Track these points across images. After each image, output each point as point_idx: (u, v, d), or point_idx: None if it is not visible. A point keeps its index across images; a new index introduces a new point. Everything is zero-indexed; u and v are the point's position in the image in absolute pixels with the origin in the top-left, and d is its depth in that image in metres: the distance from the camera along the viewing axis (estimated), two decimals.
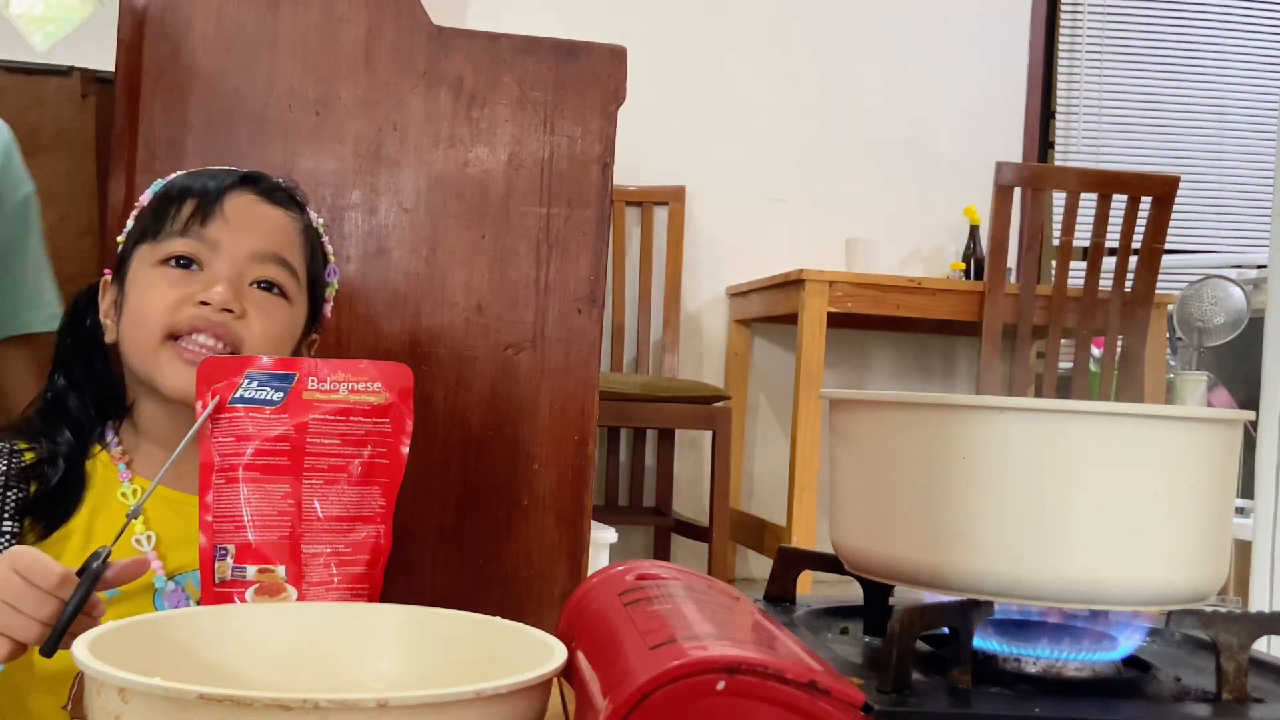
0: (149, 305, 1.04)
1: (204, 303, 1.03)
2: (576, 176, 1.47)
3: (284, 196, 1.13)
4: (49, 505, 1.04)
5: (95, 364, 1.12)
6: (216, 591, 0.91)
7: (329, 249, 1.18)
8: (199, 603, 1.02)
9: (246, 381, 0.94)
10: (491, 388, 1.45)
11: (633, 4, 3.57)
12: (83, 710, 1.00)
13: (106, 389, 1.12)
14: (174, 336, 1.03)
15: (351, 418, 0.95)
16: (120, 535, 0.91)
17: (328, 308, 1.19)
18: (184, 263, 1.05)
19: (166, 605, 1.03)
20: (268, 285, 1.08)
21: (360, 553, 0.95)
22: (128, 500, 1.05)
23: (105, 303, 1.11)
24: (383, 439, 0.97)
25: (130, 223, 1.11)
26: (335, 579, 0.93)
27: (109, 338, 1.10)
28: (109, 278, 1.12)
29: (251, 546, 0.92)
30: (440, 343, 1.44)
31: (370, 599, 0.95)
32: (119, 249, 1.12)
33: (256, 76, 1.39)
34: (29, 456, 1.06)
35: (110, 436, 1.10)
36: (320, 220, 1.17)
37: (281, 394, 0.94)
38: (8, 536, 1.02)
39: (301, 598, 0.92)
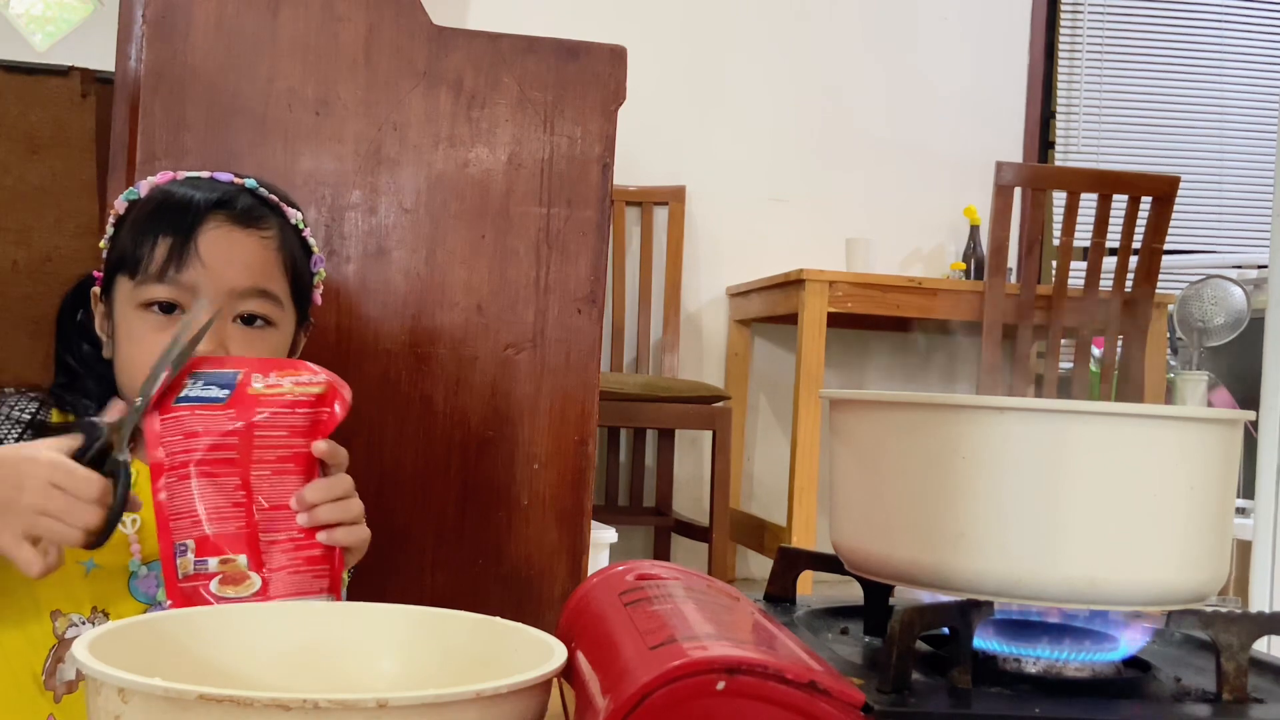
0: (137, 356, 1.05)
1: None
2: (576, 176, 1.47)
3: (260, 213, 1.11)
4: None
5: (86, 357, 1.13)
6: (182, 588, 0.93)
7: (311, 241, 1.17)
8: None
9: (191, 381, 0.97)
10: (491, 388, 1.45)
11: (633, 4, 3.57)
12: (55, 682, 1.02)
13: (106, 380, 1.12)
14: None
15: (298, 409, 0.97)
16: (126, 433, 0.92)
17: (317, 294, 1.19)
18: (165, 307, 1.06)
19: (140, 590, 1.05)
20: (250, 318, 1.09)
21: (315, 536, 0.97)
22: None
23: (99, 316, 1.13)
24: (326, 426, 0.99)
25: (110, 228, 1.12)
26: (295, 563, 0.95)
27: (106, 354, 1.12)
28: (98, 290, 1.12)
29: (210, 539, 0.93)
30: (440, 343, 1.44)
31: (333, 580, 0.97)
32: (103, 254, 1.12)
33: (256, 76, 1.39)
34: (55, 416, 1.09)
35: None
36: (299, 214, 1.16)
37: (227, 391, 0.96)
38: None
39: (265, 584, 0.94)
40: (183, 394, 0.96)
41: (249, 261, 1.09)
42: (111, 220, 1.12)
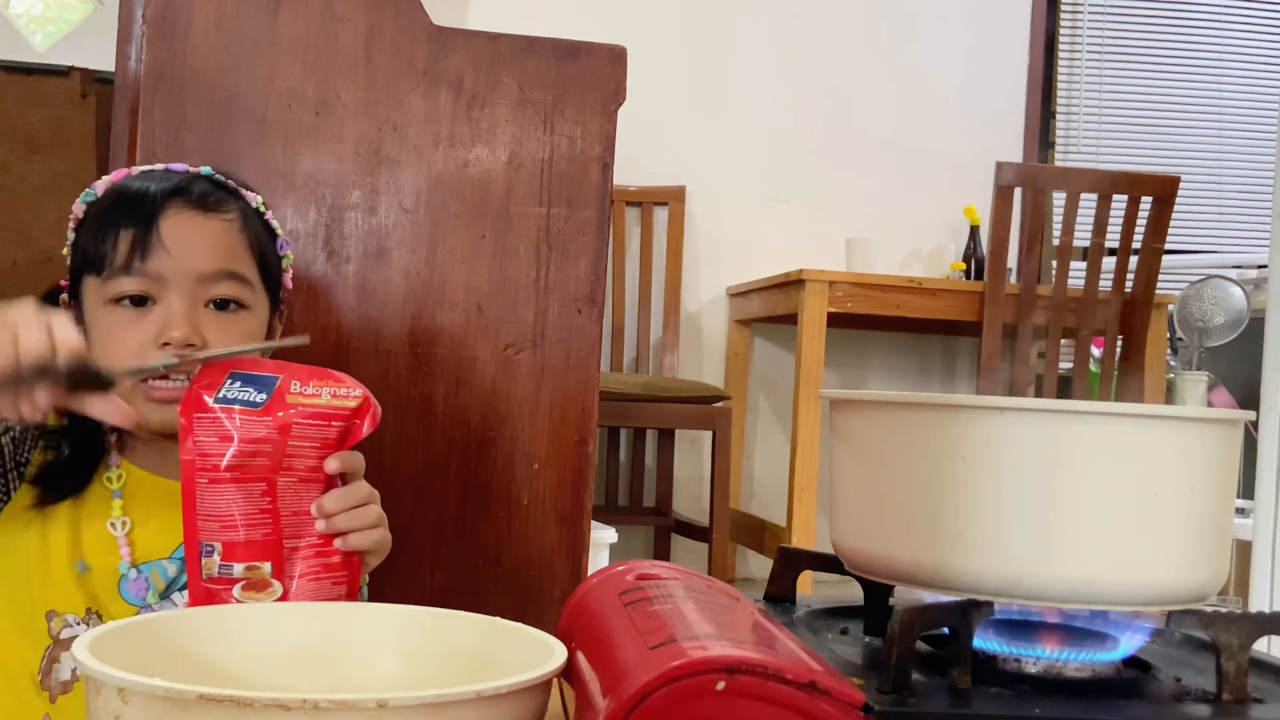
0: (113, 354, 1.04)
1: (166, 343, 1.03)
2: (576, 176, 1.47)
3: (218, 198, 1.10)
4: (58, 474, 1.06)
5: None
6: (205, 587, 0.93)
7: (275, 224, 1.16)
8: (160, 593, 1.04)
9: (229, 382, 0.96)
10: (491, 388, 1.45)
11: (633, 4, 3.57)
12: (51, 682, 1.02)
13: None
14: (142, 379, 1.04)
15: (332, 422, 0.97)
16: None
17: (287, 278, 1.18)
18: (136, 299, 1.05)
19: (129, 592, 1.05)
20: (223, 303, 1.08)
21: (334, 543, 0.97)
22: (111, 485, 1.06)
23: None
24: (352, 440, 0.99)
25: (70, 234, 1.10)
26: (315, 570, 0.96)
27: None
28: (65, 297, 1.11)
29: (238, 545, 0.93)
30: (440, 343, 1.44)
31: (350, 587, 0.98)
32: (67, 260, 1.11)
33: (256, 76, 1.39)
34: (51, 420, 1.07)
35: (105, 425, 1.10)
36: (259, 198, 1.15)
37: (265, 395, 0.96)
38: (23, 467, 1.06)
39: (285, 591, 0.94)
40: (220, 394, 0.95)
41: (213, 244, 1.08)
42: (72, 225, 1.10)
